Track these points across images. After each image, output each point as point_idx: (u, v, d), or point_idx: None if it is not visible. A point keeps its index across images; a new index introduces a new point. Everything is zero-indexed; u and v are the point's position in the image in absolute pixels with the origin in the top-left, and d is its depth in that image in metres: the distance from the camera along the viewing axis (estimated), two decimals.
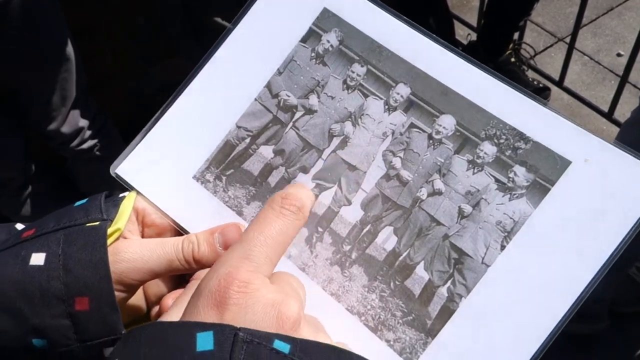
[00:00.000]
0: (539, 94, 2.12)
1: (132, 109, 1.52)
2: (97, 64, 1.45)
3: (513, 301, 0.39)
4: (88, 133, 1.41)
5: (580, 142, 0.40)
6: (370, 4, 0.47)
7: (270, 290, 0.34)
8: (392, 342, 0.41)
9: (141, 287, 0.47)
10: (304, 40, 0.48)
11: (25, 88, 1.27)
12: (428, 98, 0.45)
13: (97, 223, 0.43)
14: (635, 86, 2.19)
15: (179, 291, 0.45)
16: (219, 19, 1.31)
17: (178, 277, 0.48)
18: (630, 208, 0.38)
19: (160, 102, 0.50)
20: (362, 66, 0.47)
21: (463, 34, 2.39)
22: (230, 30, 0.49)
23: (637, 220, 0.38)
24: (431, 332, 0.40)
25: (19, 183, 1.39)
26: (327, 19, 0.48)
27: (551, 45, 2.39)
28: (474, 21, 2.37)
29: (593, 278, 0.38)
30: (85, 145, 1.42)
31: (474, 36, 2.31)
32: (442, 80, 0.44)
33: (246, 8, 0.49)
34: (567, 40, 2.18)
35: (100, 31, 1.45)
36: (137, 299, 0.47)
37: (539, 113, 0.42)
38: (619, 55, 2.32)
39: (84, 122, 1.39)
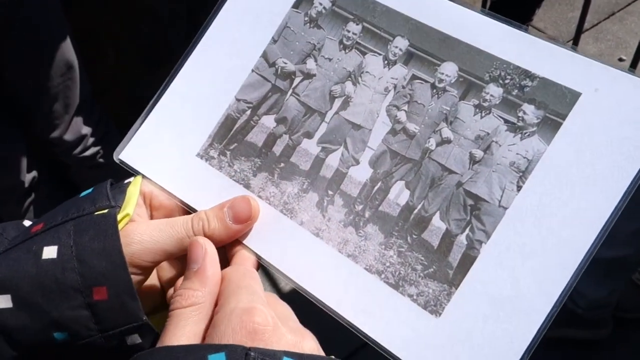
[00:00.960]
0: None
1: (134, 113, 1.53)
2: (99, 69, 1.47)
3: (535, 241, 0.38)
4: (91, 140, 1.42)
5: (588, 73, 0.40)
6: None
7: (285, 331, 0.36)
8: (415, 297, 0.40)
9: (155, 274, 0.47)
10: (295, 5, 0.48)
11: (28, 96, 1.29)
12: (427, 48, 0.44)
13: (106, 210, 0.42)
14: None
15: None
16: None
17: None
18: None
19: None
20: (357, 24, 0.46)
21: None
22: (221, 5, 0.49)
23: None
24: (454, 282, 0.39)
25: (23, 190, 1.40)
26: None
27: None
28: None
29: (615, 207, 0.37)
30: (88, 153, 1.42)
31: None
32: (440, 28, 0.44)
33: None
34: (569, 45, 2.18)
35: (103, 36, 1.47)
36: (153, 285, 0.46)
37: (542, 48, 0.41)
38: (620, 60, 2.30)
39: (86, 130, 1.40)
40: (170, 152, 0.48)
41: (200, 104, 0.48)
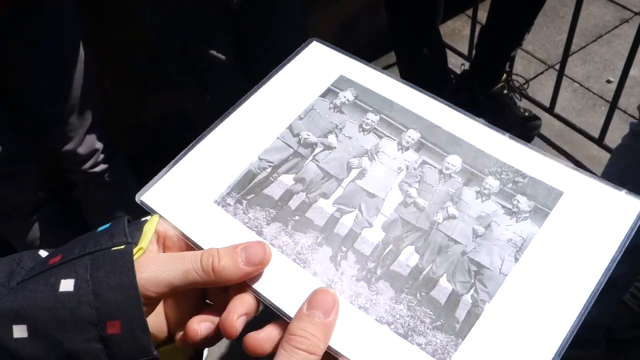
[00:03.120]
0: (530, 122, 2.23)
1: (130, 139, 1.60)
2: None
3: (533, 303, 0.44)
4: (101, 157, 1.50)
5: (567, 177, 0.50)
6: (380, 73, 0.58)
7: None
8: (423, 346, 0.43)
9: (163, 313, 0.47)
10: (323, 95, 0.57)
11: (49, 106, 1.36)
12: (436, 141, 0.54)
13: (123, 246, 0.45)
14: (625, 112, 2.31)
15: (203, 316, 0.45)
16: (213, 52, 1.42)
17: (199, 301, 0.48)
18: (616, 228, 0.47)
19: (157, 132, 0.55)
20: (375, 115, 0.56)
21: (455, 62, 2.50)
22: (258, 87, 0.57)
23: (622, 240, 0.47)
24: (461, 334, 0.44)
25: (31, 207, 1.46)
26: (343, 82, 0.58)
27: (542, 73, 2.52)
28: (465, 49, 2.51)
29: (596, 284, 0.45)
30: (98, 169, 1.51)
31: (467, 65, 2.40)
32: (448, 129, 0.54)
33: (275, 71, 0.58)
34: (557, 67, 2.29)
35: (100, 66, 1.51)
36: (159, 324, 0.46)
37: (531, 155, 0.52)
38: (608, 81, 2.44)
39: (99, 145, 1.49)
40: (189, 199, 0.51)
41: (224, 160, 0.53)
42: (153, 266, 0.44)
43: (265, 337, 0.43)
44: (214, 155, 0.54)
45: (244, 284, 0.46)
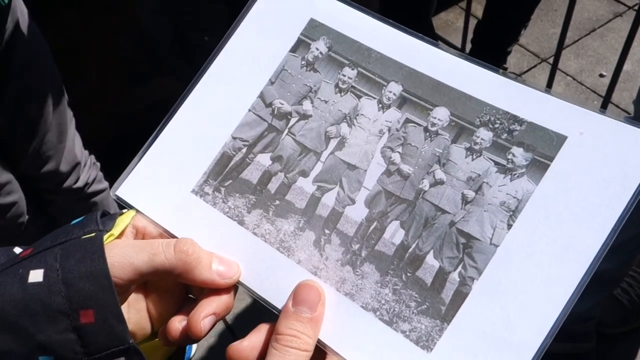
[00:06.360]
0: None
1: (119, 129, 1.57)
2: (79, 84, 1.50)
3: (525, 277, 0.43)
4: (82, 168, 1.44)
5: (573, 117, 0.46)
6: (355, 10, 0.54)
7: None
8: (407, 333, 0.44)
9: (145, 309, 0.50)
10: (293, 50, 0.54)
11: (22, 132, 1.29)
12: (420, 93, 0.50)
13: (93, 234, 0.46)
14: (617, 106, 2.36)
15: (184, 315, 0.47)
16: (207, 38, 1.40)
17: (182, 297, 0.51)
18: (630, 173, 0.43)
19: (146, 122, 0.55)
20: (352, 69, 0.52)
21: None
22: (221, 47, 0.55)
23: (639, 185, 0.43)
24: (446, 318, 0.44)
25: (19, 231, 1.39)
26: (314, 28, 0.54)
27: (535, 66, 2.59)
28: (459, 42, 2.54)
29: (602, 246, 0.42)
30: (80, 183, 1.44)
31: None
32: (432, 75, 0.50)
33: (236, 24, 0.55)
34: (551, 61, 2.35)
35: (85, 51, 1.51)
36: (141, 320, 0.49)
37: (529, 95, 0.47)
38: (601, 75, 2.52)
39: (79, 156, 1.42)
40: (166, 189, 0.52)
41: (197, 141, 0.53)
42: (118, 250, 0.45)
43: (249, 346, 0.45)
44: (184, 137, 0.53)
45: None
